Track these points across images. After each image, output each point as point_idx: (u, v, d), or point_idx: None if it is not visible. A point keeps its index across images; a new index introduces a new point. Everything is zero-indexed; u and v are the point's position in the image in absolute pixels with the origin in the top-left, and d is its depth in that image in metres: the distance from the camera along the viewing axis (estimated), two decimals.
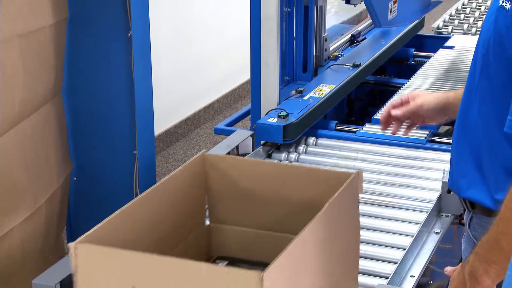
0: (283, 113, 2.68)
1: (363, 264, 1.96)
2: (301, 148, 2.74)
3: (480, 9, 4.92)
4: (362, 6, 3.81)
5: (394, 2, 3.70)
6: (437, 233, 2.12)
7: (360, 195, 2.25)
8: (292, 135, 2.69)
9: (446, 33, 4.54)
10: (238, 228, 1.67)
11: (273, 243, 1.57)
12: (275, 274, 1.19)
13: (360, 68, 3.36)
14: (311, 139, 2.80)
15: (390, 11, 3.63)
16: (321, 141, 2.82)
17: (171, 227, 1.56)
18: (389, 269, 1.92)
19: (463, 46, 3.92)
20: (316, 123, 2.91)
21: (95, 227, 1.32)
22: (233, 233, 1.68)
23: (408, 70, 3.89)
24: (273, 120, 2.69)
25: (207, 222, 1.72)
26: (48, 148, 2.53)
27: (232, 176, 1.64)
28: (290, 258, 1.24)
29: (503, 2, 1.57)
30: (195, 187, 1.63)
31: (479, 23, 4.62)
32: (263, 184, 1.62)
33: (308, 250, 1.32)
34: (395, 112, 2.15)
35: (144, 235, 1.43)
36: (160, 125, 4.80)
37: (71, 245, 1.24)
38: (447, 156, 2.58)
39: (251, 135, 2.65)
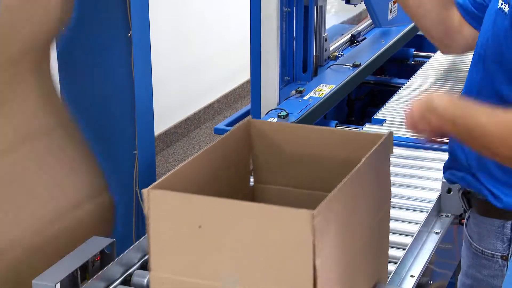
0: (283, 113, 2.69)
1: None
2: None
3: None
4: (362, 6, 3.82)
5: (394, 2, 3.70)
6: (437, 233, 2.11)
7: None
8: None
9: None
10: (279, 188, 1.79)
11: (312, 201, 1.64)
12: (324, 212, 1.34)
13: (360, 68, 3.36)
14: None
15: (390, 11, 3.63)
16: None
17: (220, 187, 1.68)
18: (389, 269, 1.92)
19: None
20: (316, 123, 2.91)
21: (162, 178, 1.47)
22: (275, 193, 1.80)
23: (408, 70, 3.89)
24: (273, 120, 2.70)
25: (251, 183, 1.83)
26: None
27: (275, 139, 1.76)
28: (334, 203, 1.40)
29: (501, 4, 1.58)
30: (241, 150, 1.75)
31: None
32: (304, 146, 1.74)
33: (349, 199, 1.48)
34: None
35: (199, 192, 1.55)
36: (160, 125, 4.80)
37: (144, 191, 1.40)
38: (447, 156, 2.57)
39: None
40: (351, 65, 3.37)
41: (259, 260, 1.37)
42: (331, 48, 3.54)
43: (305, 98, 2.94)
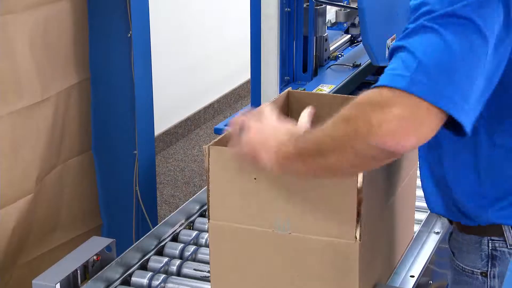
0: None
1: None
2: None
3: None
4: None
5: (392, 39, 3.68)
6: (437, 233, 2.11)
7: None
8: None
9: None
10: None
11: None
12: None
13: (360, 68, 3.36)
14: None
15: (388, 48, 3.61)
16: None
17: None
18: None
19: None
20: None
21: (220, 137, 1.59)
22: None
23: None
24: None
25: None
26: (63, 43, 2.53)
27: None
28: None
29: None
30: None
31: None
32: None
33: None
34: None
35: None
36: (160, 125, 4.80)
37: (205, 147, 1.54)
38: None
39: None
40: (351, 65, 3.37)
41: (308, 208, 1.52)
42: (331, 48, 3.54)
43: None
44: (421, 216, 2.18)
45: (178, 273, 1.92)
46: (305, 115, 1.61)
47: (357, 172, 1.42)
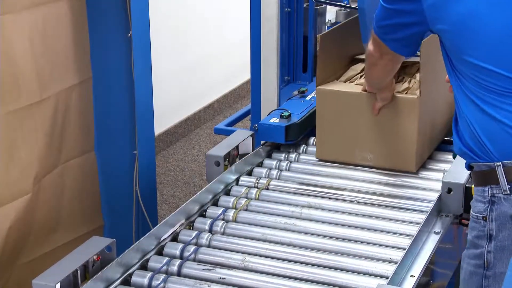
0: (286, 114, 2.68)
1: (363, 264, 1.96)
2: (301, 148, 2.74)
3: None
4: None
5: None
6: (437, 233, 2.12)
7: (360, 195, 2.29)
8: (295, 135, 2.68)
9: None
10: None
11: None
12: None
13: None
14: (312, 139, 2.79)
15: None
16: None
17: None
18: (389, 269, 1.92)
19: None
20: None
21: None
22: None
23: None
24: (275, 120, 2.69)
25: None
26: (62, 43, 2.53)
27: None
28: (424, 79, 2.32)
29: None
30: None
31: None
32: None
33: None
34: None
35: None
36: (160, 125, 4.80)
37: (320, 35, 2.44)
38: (447, 156, 2.58)
39: (251, 135, 2.65)
40: None
41: None
42: None
43: (307, 98, 2.93)
44: (421, 216, 2.18)
45: (178, 273, 1.92)
46: None
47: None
